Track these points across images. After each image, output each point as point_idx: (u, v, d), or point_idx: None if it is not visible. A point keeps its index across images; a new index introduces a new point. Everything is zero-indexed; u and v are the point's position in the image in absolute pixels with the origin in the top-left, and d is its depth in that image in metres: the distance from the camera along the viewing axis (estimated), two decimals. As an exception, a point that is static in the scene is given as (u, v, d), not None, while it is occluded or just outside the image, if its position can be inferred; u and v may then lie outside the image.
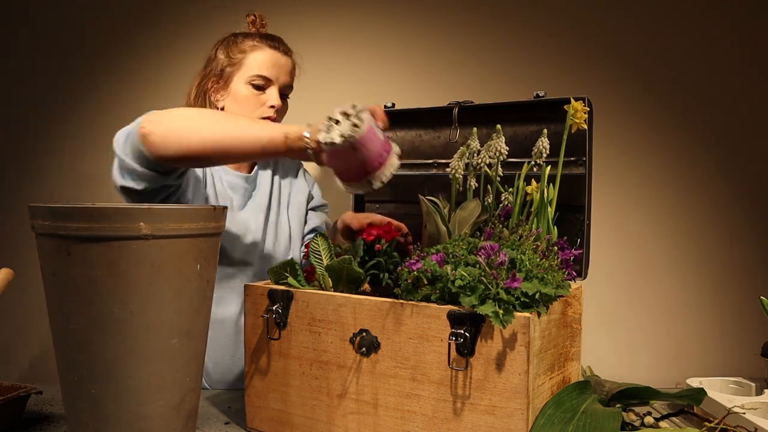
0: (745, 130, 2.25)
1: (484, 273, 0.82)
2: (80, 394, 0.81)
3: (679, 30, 2.25)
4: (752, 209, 2.24)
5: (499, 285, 0.80)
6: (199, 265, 0.84)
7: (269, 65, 1.36)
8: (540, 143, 1.05)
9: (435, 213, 1.05)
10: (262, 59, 1.36)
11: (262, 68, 1.35)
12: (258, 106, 1.36)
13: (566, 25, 2.24)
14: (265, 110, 1.36)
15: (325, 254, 1.04)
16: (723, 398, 1.06)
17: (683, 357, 2.22)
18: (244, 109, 1.35)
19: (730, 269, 2.24)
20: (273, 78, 1.36)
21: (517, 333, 0.79)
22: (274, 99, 1.36)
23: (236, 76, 1.36)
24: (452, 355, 0.83)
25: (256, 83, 1.35)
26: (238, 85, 1.36)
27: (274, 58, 1.37)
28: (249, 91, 1.35)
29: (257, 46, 1.37)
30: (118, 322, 0.78)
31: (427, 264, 0.86)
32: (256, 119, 1.30)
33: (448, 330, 0.83)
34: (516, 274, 0.81)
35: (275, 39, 1.41)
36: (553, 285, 0.85)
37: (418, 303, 0.86)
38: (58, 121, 2.39)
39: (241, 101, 1.35)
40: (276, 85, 1.37)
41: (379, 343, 0.89)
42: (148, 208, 0.79)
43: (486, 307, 0.79)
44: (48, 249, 0.80)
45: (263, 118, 1.35)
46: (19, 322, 2.13)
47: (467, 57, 2.29)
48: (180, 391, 0.85)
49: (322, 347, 0.95)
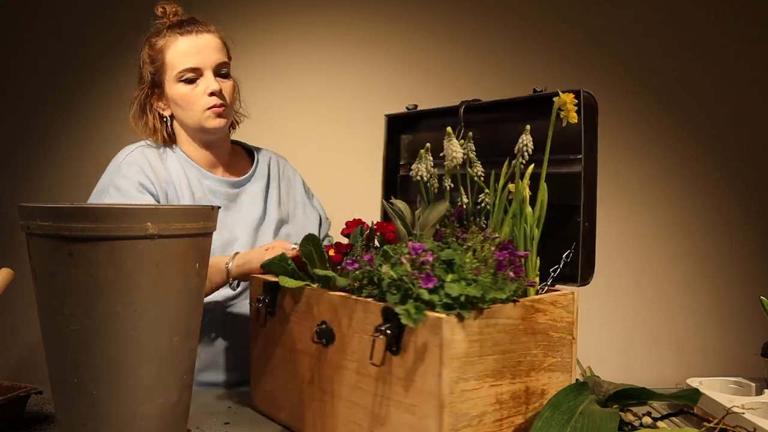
0: (746, 131, 2.25)
1: (406, 272, 0.82)
2: (79, 396, 0.80)
3: (681, 29, 2.25)
4: (752, 209, 2.24)
5: (415, 285, 0.80)
6: (198, 264, 0.85)
7: (189, 53, 1.28)
8: (522, 140, 0.99)
9: (394, 216, 1.05)
10: (180, 51, 1.28)
11: (183, 61, 1.28)
12: (199, 100, 1.29)
13: (570, 25, 2.24)
14: (207, 100, 1.29)
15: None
16: (723, 398, 1.06)
17: (683, 357, 2.22)
18: (187, 109, 1.30)
19: (730, 269, 2.24)
20: (200, 65, 1.29)
21: (432, 334, 0.78)
22: (211, 85, 1.28)
23: (166, 79, 1.31)
24: (378, 350, 0.84)
25: (186, 78, 1.28)
26: (171, 87, 1.30)
27: (190, 44, 1.29)
28: (183, 89, 1.29)
29: (169, 40, 1.29)
30: (122, 322, 0.79)
31: (360, 263, 0.91)
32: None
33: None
34: (430, 274, 0.80)
35: (184, 23, 1.32)
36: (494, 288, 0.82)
37: (365, 299, 0.88)
38: (57, 121, 2.39)
39: (180, 102, 1.30)
40: (207, 69, 1.29)
41: (334, 335, 0.93)
42: (155, 208, 0.80)
43: (401, 305, 0.79)
44: (46, 250, 0.80)
45: (209, 108, 1.29)
46: (19, 322, 2.13)
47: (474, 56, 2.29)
48: (179, 389, 0.85)
49: (297, 336, 1.02)
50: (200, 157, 1.37)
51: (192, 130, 1.34)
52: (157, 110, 1.36)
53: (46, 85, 2.35)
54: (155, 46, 1.31)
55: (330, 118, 2.36)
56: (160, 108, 1.35)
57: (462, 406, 0.79)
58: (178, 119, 1.35)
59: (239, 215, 1.36)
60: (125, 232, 0.77)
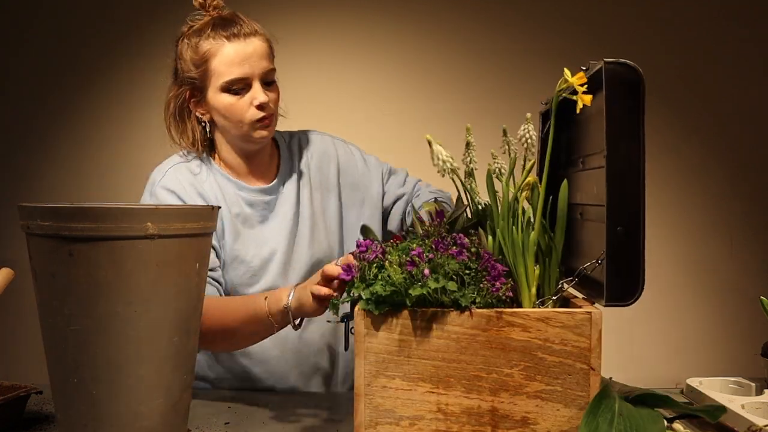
0: (747, 130, 2.25)
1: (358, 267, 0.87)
2: (79, 396, 0.80)
3: (683, 27, 2.25)
4: (752, 209, 2.24)
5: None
6: (198, 264, 0.85)
7: (237, 63, 1.19)
8: (524, 131, 0.90)
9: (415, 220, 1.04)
10: (227, 59, 1.19)
11: (231, 71, 1.19)
12: (245, 112, 1.20)
13: (572, 23, 2.24)
14: (254, 113, 1.20)
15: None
16: (723, 398, 1.06)
17: (683, 357, 2.22)
18: (233, 120, 1.22)
19: (730, 269, 2.24)
20: (248, 75, 1.19)
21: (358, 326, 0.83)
22: (258, 97, 1.20)
23: (209, 87, 1.22)
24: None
25: (233, 88, 1.20)
26: (215, 97, 1.21)
27: (238, 51, 1.19)
28: (229, 99, 1.20)
29: (215, 45, 1.19)
30: (122, 322, 0.79)
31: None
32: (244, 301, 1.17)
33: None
34: (350, 267, 0.87)
35: (230, 24, 1.21)
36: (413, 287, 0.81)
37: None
38: (57, 121, 2.39)
39: (225, 113, 1.22)
40: (254, 79, 1.20)
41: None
42: (155, 208, 0.80)
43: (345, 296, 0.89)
44: (46, 250, 0.80)
45: (257, 120, 1.21)
46: (19, 322, 2.13)
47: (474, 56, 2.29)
48: (178, 388, 0.85)
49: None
50: (238, 166, 1.30)
51: (235, 139, 1.27)
52: (196, 115, 1.27)
53: (46, 85, 2.35)
54: (199, 49, 1.21)
55: (330, 118, 2.35)
56: (200, 113, 1.27)
57: (383, 402, 0.81)
58: (220, 127, 1.27)
59: (276, 224, 1.30)
60: (125, 232, 0.77)
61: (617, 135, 0.81)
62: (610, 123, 0.81)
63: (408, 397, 0.81)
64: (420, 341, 0.81)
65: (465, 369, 0.81)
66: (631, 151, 0.81)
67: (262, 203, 1.29)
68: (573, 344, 0.80)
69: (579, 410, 0.80)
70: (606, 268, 0.82)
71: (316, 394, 1.29)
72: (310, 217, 1.32)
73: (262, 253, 1.27)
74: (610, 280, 0.82)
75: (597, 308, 0.81)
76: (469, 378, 0.81)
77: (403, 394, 0.81)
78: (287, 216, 1.30)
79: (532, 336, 0.81)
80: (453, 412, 0.82)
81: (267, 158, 1.33)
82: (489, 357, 0.81)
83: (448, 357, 0.81)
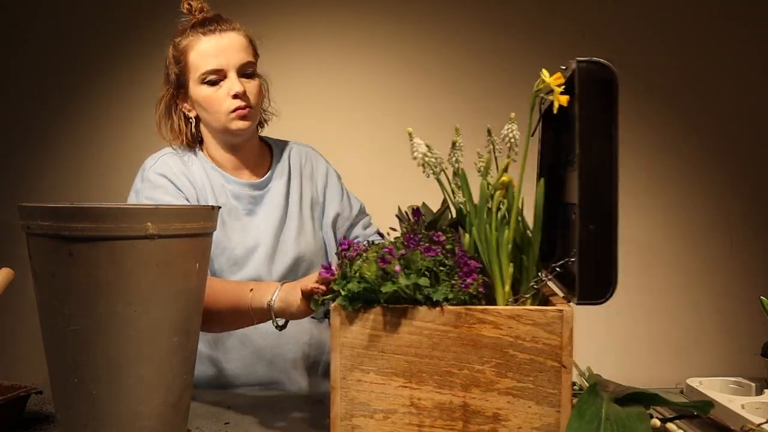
0: (747, 130, 2.25)
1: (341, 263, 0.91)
2: (79, 396, 0.80)
3: (683, 28, 2.25)
4: (752, 209, 2.24)
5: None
6: (198, 264, 0.86)
7: (212, 54, 1.23)
8: (507, 130, 0.89)
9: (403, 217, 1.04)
10: (203, 52, 1.24)
11: (206, 62, 1.23)
12: (222, 102, 1.24)
13: (571, 23, 2.24)
14: (230, 103, 1.24)
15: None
16: (723, 398, 1.06)
17: (683, 357, 2.22)
18: (211, 112, 1.26)
19: (730, 269, 2.24)
20: (223, 66, 1.24)
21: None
22: (234, 87, 1.23)
23: (190, 81, 1.27)
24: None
25: (209, 80, 1.24)
26: (194, 90, 1.26)
27: (213, 44, 1.24)
28: (206, 91, 1.25)
29: (192, 40, 1.25)
30: (122, 322, 0.79)
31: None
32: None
33: None
34: (331, 265, 0.90)
35: (208, 21, 1.26)
36: (385, 283, 0.83)
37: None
38: (57, 121, 2.39)
39: (204, 104, 1.26)
40: (230, 70, 1.24)
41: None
42: (155, 208, 0.80)
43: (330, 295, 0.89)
44: (46, 250, 0.80)
45: (234, 110, 1.24)
46: (19, 322, 2.13)
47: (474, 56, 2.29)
48: (178, 389, 0.85)
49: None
50: (225, 160, 1.34)
51: (217, 132, 1.31)
52: (182, 111, 1.32)
53: (46, 85, 2.35)
54: (179, 46, 1.27)
55: (330, 118, 2.36)
56: (186, 109, 1.32)
57: (358, 395, 0.83)
58: (203, 121, 1.32)
59: (262, 218, 1.33)
60: (125, 232, 0.77)
61: (589, 133, 0.81)
62: (582, 122, 0.81)
63: (382, 391, 0.83)
64: (393, 337, 0.82)
65: (437, 365, 0.82)
66: (603, 150, 0.81)
67: (249, 197, 1.33)
68: (544, 342, 0.80)
69: (550, 407, 0.80)
70: (578, 266, 0.81)
71: (317, 394, 1.30)
72: (298, 216, 1.36)
73: (246, 242, 1.30)
74: (582, 278, 0.81)
75: (569, 306, 0.80)
76: (441, 374, 0.82)
77: (377, 388, 0.83)
78: (276, 212, 1.34)
79: (503, 333, 0.81)
80: (425, 406, 0.83)
81: (254, 154, 1.37)
82: (460, 353, 0.82)
83: (421, 353, 0.82)
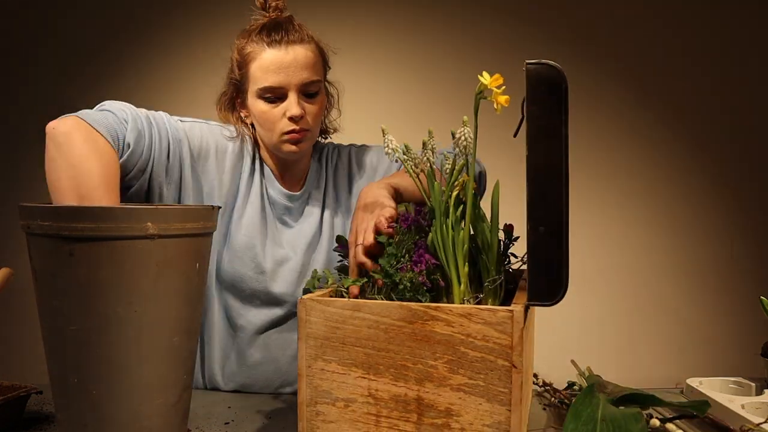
0: (747, 131, 2.25)
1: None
2: (79, 396, 0.81)
3: (683, 28, 2.25)
4: (752, 210, 2.24)
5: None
6: (198, 264, 0.86)
7: (273, 71, 1.15)
8: (461, 133, 0.89)
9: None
10: (264, 66, 1.15)
11: (265, 78, 1.15)
12: (277, 122, 1.18)
13: (570, 22, 2.24)
14: (285, 124, 1.17)
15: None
16: (723, 398, 1.06)
17: (683, 357, 2.22)
18: (265, 128, 1.20)
19: (731, 269, 2.24)
20: (283, 84, 1.15)
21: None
22: (291, 109, 1.16)
23: (249, 91, 1.19)
24: None
25: (267, 97, 1.17)
26: (252, 102, 1.19)
27: (276, 59, 1.15)
28: (263, 107, 1.18)
29: (256, 49, 1.16)
30: (122, 322, 0.79)
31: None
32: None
33: None
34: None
35: (277, 29, 1.17)
36: (348, 279, 0.93)
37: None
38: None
39: (259, 120, 1.20)
40: (291, 89, 1.16)
41: None
42: (155, 208, 0.80)
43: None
44: (46, 250, 0.80)
45: (286, 132, 1.18)
46: (19, 322, 2.13)
47: (474, 56, 2.29)
48: (178, 389, 0.85)
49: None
50: (271, 163, 1.29)
51: (269, 145, 1.26)
52: (240, 114, 1.27)
53: (46, 85, 2.35)
54: (243, 51, 1.19)
55: (330, 118, 2.35)
56: (243, 114, 1.26)
57: (321, 383, 0.87)
58: (257, 131, 1.26)
59: (296, 231, 1.30)
60: (125, 232, 0.77)
61: (536, 135, 0.81)
62: (530, 122, 0.81)
63: (343, 381, 0.86)
64: (352, 329, 0.86)
65: (393, 358, 0.85)
66: (552, 151, 0.81)
67: (283, 207, 1.29)
68: (495, 341, 0.80)
69: (501, 405, 0.80)
70: (528, 267, 0.82)
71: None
72: (329, 235, 1.31)
73: (275, 254, 1.26)
74: (532, 279, 0.82)
75: (520, 307, 0.81)
76: (397, 367, 0.85)
77: (338, 378, 0.86)
78: (310, 228, 1.30)
79: (455, 330, 0.82)
80: (382, 397, 0.86)
81: (305, 167, 1.33)
82: (414, 348, 0.84)
83: (378, 346, 0.85)
